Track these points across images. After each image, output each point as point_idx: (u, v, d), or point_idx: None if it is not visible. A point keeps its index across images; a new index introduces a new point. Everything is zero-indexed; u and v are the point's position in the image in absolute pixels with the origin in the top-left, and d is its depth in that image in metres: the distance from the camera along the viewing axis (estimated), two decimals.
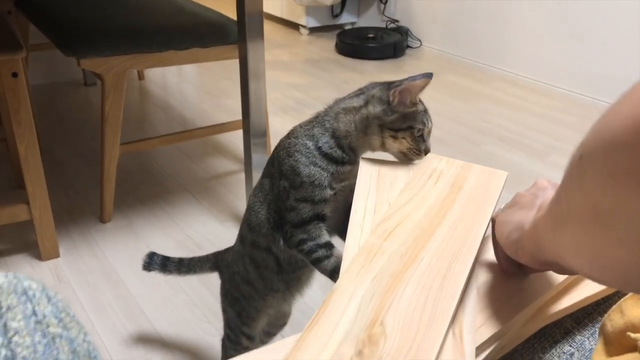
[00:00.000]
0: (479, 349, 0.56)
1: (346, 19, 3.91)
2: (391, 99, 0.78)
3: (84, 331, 0.36)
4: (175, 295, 1.49)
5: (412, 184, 0.69)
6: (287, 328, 1.20)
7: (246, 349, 1.09)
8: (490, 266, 0.64)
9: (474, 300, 0.59)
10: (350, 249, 0.63)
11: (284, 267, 0.91)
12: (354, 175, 0.77)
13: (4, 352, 0.29)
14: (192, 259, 1.17)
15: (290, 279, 0.94)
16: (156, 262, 1.18)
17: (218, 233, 1.73)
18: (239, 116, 1.75)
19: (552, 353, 0.62)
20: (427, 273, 0.57)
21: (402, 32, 3.54)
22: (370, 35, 3.51)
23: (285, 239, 0.85)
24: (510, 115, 2.65)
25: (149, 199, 1.91)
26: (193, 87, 2.98)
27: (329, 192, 0.80)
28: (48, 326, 0.32)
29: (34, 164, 1.43)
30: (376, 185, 0.72)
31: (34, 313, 0.32)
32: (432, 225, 0.63)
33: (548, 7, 2.90)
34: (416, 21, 3.61)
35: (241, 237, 0.98)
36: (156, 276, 1.53)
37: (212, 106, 2.69)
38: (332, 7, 3.81)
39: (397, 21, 3.67)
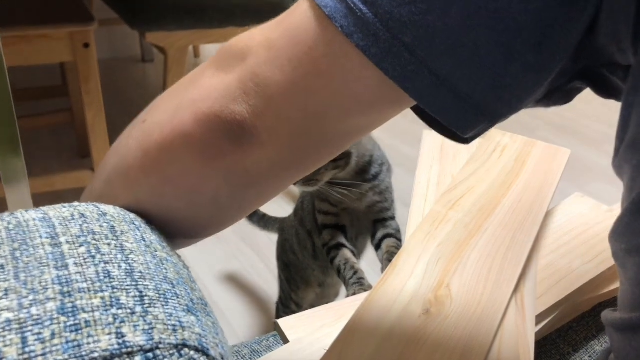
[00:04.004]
0: (539, 318, 0.58)
1: None
2: None
3: (182, 260, 0.40)
4: (228, 262, 1.54)
5: (476, 157, 0.71)
6: None
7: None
8: (552, 239, 0.66)
9: (536, 271, 0.60)
10: (414, 217, 0.65)
11: (318, 254, 0.93)
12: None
13: (124, 265, 0.33)
14: (270, 217, 1.23)
15: (324, 266, 0.95)
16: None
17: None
18: None
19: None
20: (492, 242, 0.59)
21: None
22: None
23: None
24: None
25: None
26: None
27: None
28: (155, 250, 0.36)
29: (100, 132, 1.49)
30: (439, 158, 0.74)
31: (143, 239, 0.37)
32: (496, 197, 0.64)
33: None
34: None
35: (295, 210, 1.01)
36: (211, 245, 1.59)
37: None
38: None
39: None
